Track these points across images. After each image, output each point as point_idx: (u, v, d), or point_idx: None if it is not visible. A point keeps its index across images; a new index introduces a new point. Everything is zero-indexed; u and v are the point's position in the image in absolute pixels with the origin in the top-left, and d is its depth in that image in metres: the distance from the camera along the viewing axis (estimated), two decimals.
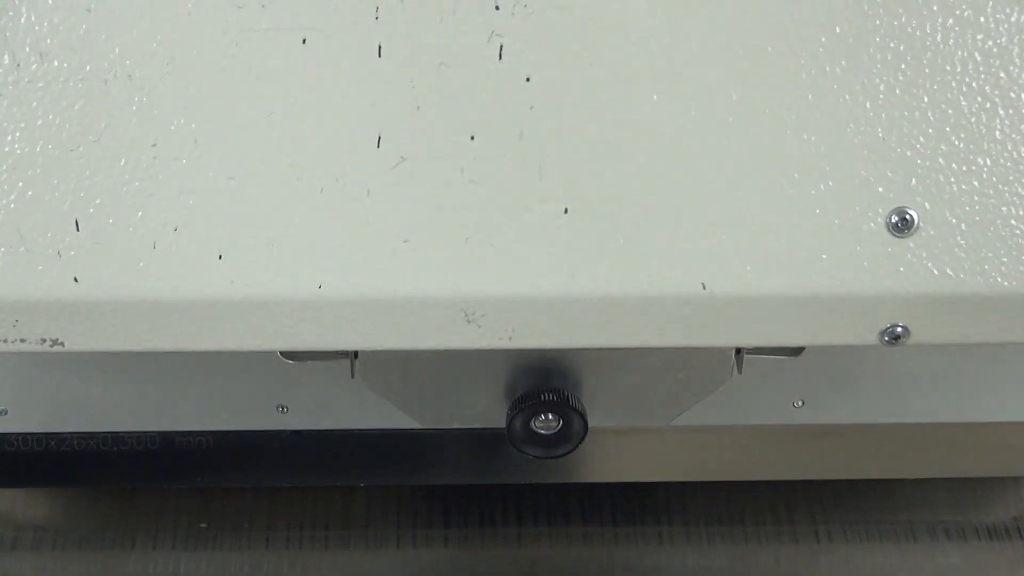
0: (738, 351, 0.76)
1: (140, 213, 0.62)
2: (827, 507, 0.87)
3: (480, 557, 0.83)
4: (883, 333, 0.65)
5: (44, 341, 0.64)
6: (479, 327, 0.64)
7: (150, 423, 0.82)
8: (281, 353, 0.79)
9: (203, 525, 0.77)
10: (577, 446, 0.77)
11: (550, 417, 0.77)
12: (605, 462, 0.85)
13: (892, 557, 0.84)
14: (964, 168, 0.63)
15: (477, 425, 0.79)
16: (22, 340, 0.64)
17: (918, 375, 0.82)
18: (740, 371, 0.77)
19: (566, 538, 0.84)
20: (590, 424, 0.76)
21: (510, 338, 0.65)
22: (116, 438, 0.83)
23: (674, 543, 0.84)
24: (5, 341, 0.64)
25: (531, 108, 0.62)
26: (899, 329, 0.65)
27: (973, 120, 0.63)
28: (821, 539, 0.85)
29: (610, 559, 0.83)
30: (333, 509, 0.86)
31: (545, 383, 0.77)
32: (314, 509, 0.86)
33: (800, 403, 0.83)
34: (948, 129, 0.63)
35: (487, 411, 0.78)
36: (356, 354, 0.76)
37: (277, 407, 0.82)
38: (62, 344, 0.64)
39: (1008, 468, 0.86)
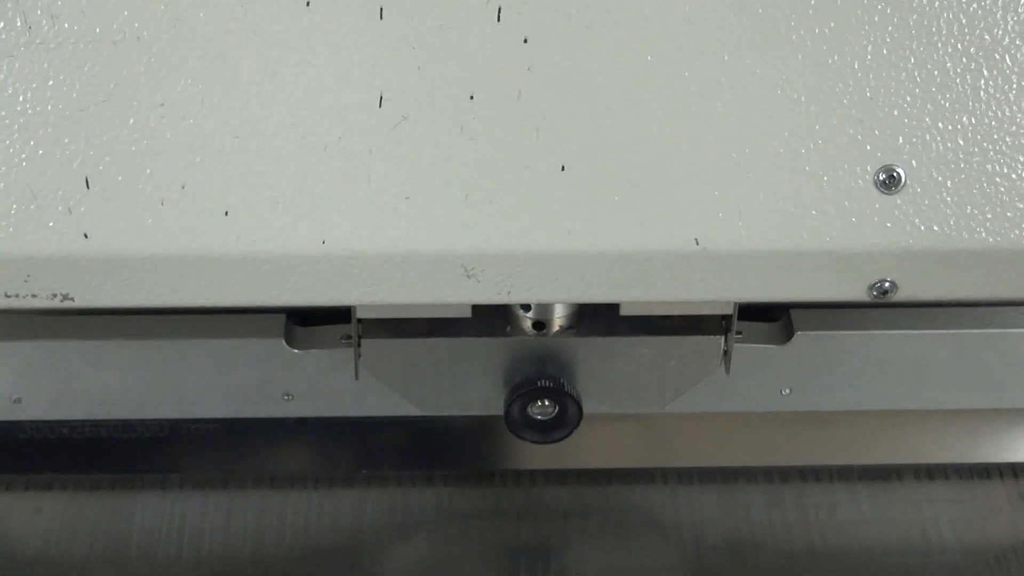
0: (726, 352, 0.79)
1: (148, 171, 0.64)
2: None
3: (478, 496, 0.85)
4: (872, 288, 0.67)
5: (54, 296, 0.66)
6: (478, 282, 0.66)
7: (160, 411, 0.84)
8: (287, 342, 0.81)
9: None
10: (572, 431, 0.80)
11: (546, 403, 0.79)
12: (598, 448, 0.87)
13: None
14: (950, 127, 0.65)
15: (476, 412, 0.81)
16: (33, 295, 0.66)
17: (903, 364, 0.84)
18: (728, 371, 0.79)
19: (559, 477, 0.86)
20: (585, 410, 0.79)
21: (508, 293, 0.67)
22: (127, 426, 0.85)
23: (667, 482, 0.86)
24: (17, 296, 0.66)
25: (529, 69, 0.64)
26: (887, 284, 0.67)
27: (958, 81, 0.65)
28: (808, 478, 0.87)
29: (604, 497, 0.85)
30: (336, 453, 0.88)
31: (541, 371, 0.79)
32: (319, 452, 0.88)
33: (787, 391, 0.85)
34: (934, 89, 0.65)
35: (486, 398, 0.80)
36: (359, 353, 0.78)
37: (282, 395, 0.84)
38: (72, 299, 0.66)
39: (992, 455, 0.88)
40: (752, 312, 0.84)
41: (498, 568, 0.81)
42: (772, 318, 0.83)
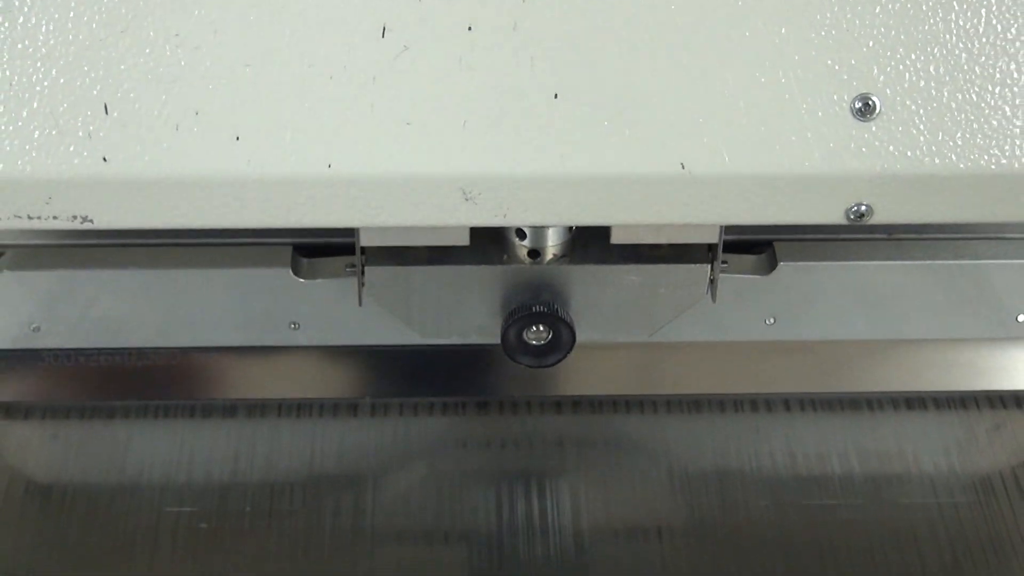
0: (712, 280, 0.82)
1: (164, 98, 0.68)
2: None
3: (475, 425, 0.89)
4: (848, 211, 0.71)
5: (74, 218, 0.70)
6: (476, 204, 0.70)
7: (172, 340, 0.88)
8: (293, 272, 0.84)
9: (203, 525, 0.82)
10: (566, 356, 0.83)
11: (541, 328, 0.83)
12: (587, 376, 0.91)
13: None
14: (922, 58, 0.69)
15: (475, 337, 0.85)
16: (54, 217, 0.70)
17: (882, 294, 0.87)
18: (714, 299, 0.83)
19: (554, 407, 0.90)
20: (578, 338, 0.82)
21: (504, 215, 0.70)
22: (141, 354, 0.89)
23: (657, 411, 0.90)
24: (39, 218, 0.69)
25: (524, 1, 0.68)
26: (863, 207, 0.71)
27: (930, 14, 0.68)
28: (792, 408, 0.91)
29: (596, 427, 0.89)
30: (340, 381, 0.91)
31: (536, 298, 0.82)
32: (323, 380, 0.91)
33: (771, 320, 0.89)
34: (907, 21, 0.68)
35: (483, 325, 0.84)
36: (363, 281, 0.82)
37: (289, 324, 0.88)
38: (91, 221, 0.70)
39: (968, 384, 0.91)
40: (738, 247, 0.87)
41: (495, 493, 0.84)
42: (757, 252, 0.87)
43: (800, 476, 0.85)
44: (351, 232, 0.82)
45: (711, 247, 0.81)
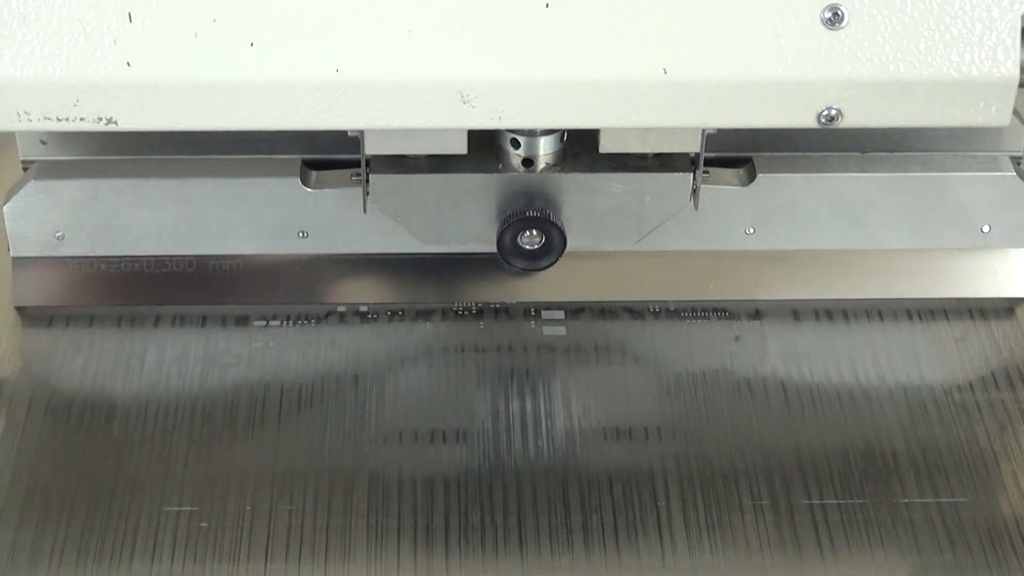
0: (695, 190, 0.88)
1: (183, 7, 0.73)
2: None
3: (471, 330, 0.94)
4: (819, 115, 0.76)
5: (100, 119, 0.75)
6: (473, 107, 0.75)
7: (188, 248, 0.94)
8: (302, 182, 0.90)
9: (203, 524, 0.87)
10: (557, 259, 0.89)
11: (534, 233, 0.88)
12: (578, 283, 0.96)
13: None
14: None
15: (472, 243, 0.90)
16: (81, 119, 0.75)
17: (855, 205, 0.92)
18: (696, 207, 0.88)
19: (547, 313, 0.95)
20: (568, 245, 0.88)
21: (499, 118, 0.76)
22: (158, 261, 0.94)
23: (644, 318, 0.95)
24: (67, 120, 0.75)
25: None
26: (833, 111, 0.76)
27: None
28: (769, 315, 0.96)
29: (587, 331, 0.94)
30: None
31: (530, 205, 0.88)
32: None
33: (751, 230, 0.94)
34: None
35: (480, 231, 0.89)
36: (367, 191, 0.87)
37: (298, 232, 0.93)
38: (115, 123, 0.75)
39: (938, 291, 0.97)
40: (720, 164, 0.93)
41: (491, 390, 0.89)
42: (738, 167, 0.93)
43: (778, 380, 0.90)
44: (357, 150, 0.87)
45: (694, 158, 0.87)
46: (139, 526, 0.79)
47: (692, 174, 0.87)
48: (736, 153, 0.92)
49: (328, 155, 0.91)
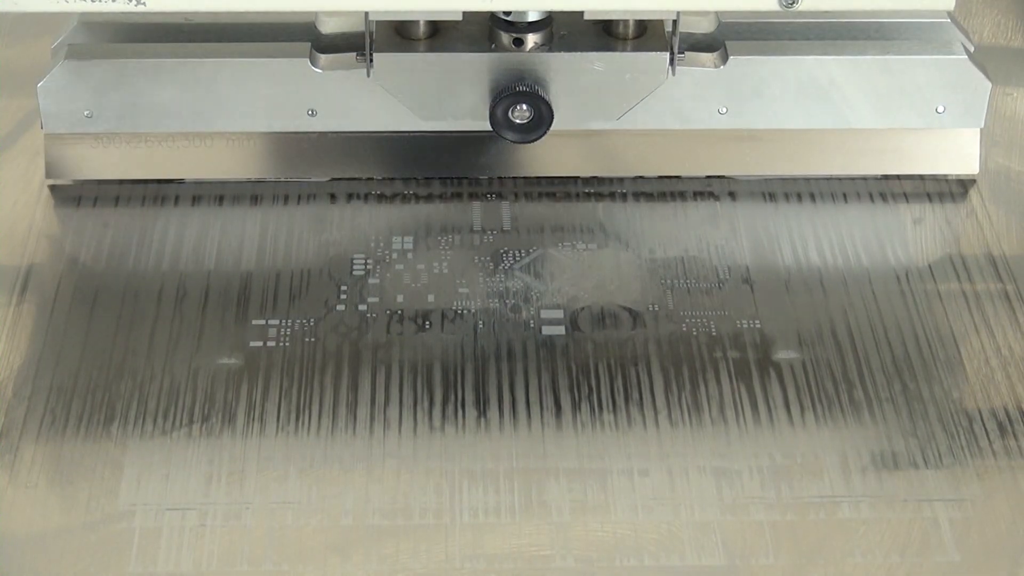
0: (671, 59, 0.95)
1: None
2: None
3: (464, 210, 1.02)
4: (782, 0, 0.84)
5: (129, 1, 0.83)
6: None
7: (204, 125, 1.01)
8: (311, 63, 0.97)
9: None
10: (545, 132, 0.97)
11: (524, 108, 0.96)
12: (564, 160, 1.04)
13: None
14: None
15: (467, 119, 0.98)
16: (113, 0, 0.83)
17: (820, 87, 1.00)
18: (674, 73, 0.96)
19: (535, 196, 1.03)
20: (554, 124, 0.95)
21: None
22: (178, 138, 1.02)
23: (626, 200, 1.03)
24: (100, 1, 0.82)
25: None
26: None
27: None
28: (739, 197, 1.04)
29: (573, 213, 1.02)
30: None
31: (520, 81, 0.96)
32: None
33: (724, 110, 1.02)
34: None
35: (475, 108, 0.97)
36: (371, 60, 0.95)
37: (307, 111, 1.01)
38: (144, 3, 0.83)
39: (898, 168, 1.05)
40: (695, 49, 1.00)
41: (482, 269, 0.97)
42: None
43: (757, 258, 0.98)
44: (361, 47, 0.96)
45: (670, 41, 0.95)
46: (162, 387, 0.87)
47: (669, 52, 0.95)
48: (704, 9, 0.98)
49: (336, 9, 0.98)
